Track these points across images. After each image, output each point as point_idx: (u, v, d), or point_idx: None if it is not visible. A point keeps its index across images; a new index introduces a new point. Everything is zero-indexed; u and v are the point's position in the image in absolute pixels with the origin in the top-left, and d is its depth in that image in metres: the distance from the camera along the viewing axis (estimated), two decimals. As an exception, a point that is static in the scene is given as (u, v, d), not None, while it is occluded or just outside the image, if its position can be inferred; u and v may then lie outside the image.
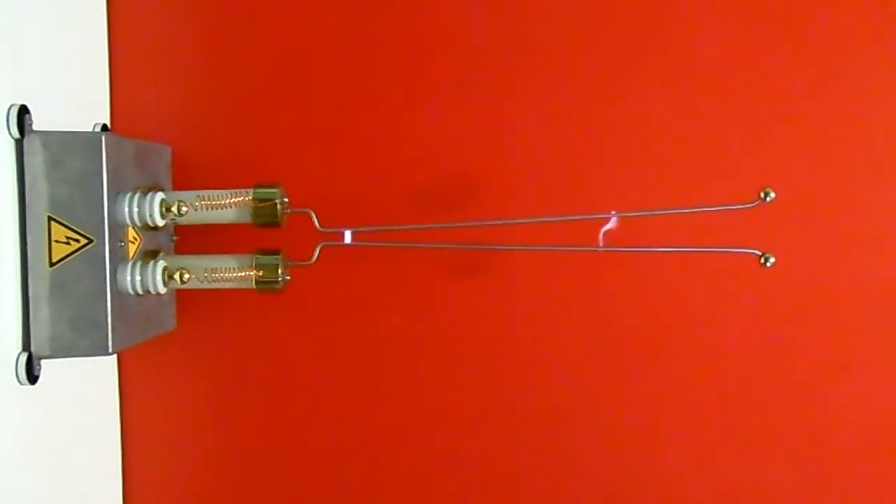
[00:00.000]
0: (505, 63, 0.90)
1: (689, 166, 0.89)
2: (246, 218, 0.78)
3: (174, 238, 0.86)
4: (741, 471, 0.91)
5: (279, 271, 0.77)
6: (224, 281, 0.78)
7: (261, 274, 0.77)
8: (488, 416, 0.92)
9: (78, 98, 0.86)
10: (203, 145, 0.92)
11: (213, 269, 0.79)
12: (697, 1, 0.89)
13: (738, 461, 0.91)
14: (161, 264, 0.76)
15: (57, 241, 0.70)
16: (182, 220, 0.77)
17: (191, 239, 0.87)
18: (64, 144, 0.70)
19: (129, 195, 0.73)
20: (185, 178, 0.88)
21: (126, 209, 0.72)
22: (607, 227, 0.75)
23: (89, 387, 0.87)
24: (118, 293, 0.72)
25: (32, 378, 0.70)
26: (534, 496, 0.92)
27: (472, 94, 0.90)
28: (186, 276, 0.77)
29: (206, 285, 0.79)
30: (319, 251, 0.78)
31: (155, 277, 0.75)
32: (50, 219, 0.69)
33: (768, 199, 0.74)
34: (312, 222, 0.78)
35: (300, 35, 0.92)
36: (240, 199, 0.77)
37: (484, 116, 0.90)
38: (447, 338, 0.92)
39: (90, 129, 0.86)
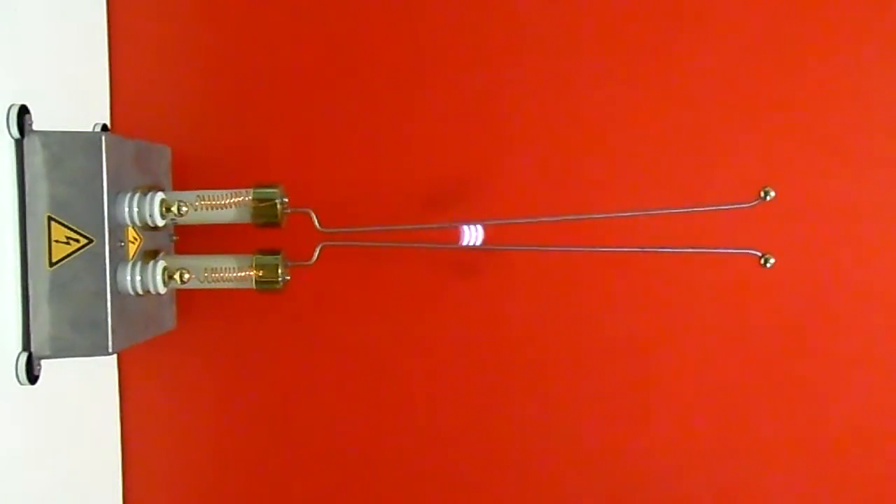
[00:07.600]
0: (504, 63, 0.90)
1: (689, 166, 0.89)
2: (246, 218, 0.78)
3: (174, 238, 0.86)
4: (741, 471, 0.91)
5: (279, 271, 0.77)
6: (224, 281, 0.78)
7: (261, 274, 0.77)
8: (487, 416, 0.92)
9: (78, 98, 0.86)
10: (203, 145, 0.92)
11: (213, 269, 0.78)
12: (697, 1, 0.89)
13: (738, 461, 0.91)
14: (161, 264, 0.76)
15: (57, 241, 0.70)
16: (182, 220, 0.77)
17: (191, 239, 0.87)
18: (64, 144, 0.70)
19: (129, 195, 0.73)
20: (185, 178, 0.88)
21: (126, 209, 0.72)
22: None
23: (89, 387, 0.87)
24: (118, 293, 0.72)
25: (32, 378, 0.70)
26: (533, 496, 0.92)
27: (472, 94, 0.90)
28: (186, 276, 0.77)
29: (206, 285, 0.79)
30: (319, 251, 0.78)
31: (155, 277, 0.75)
32: (50, 219, 0.69)
33: (768, 198, 0.74)
34: (312, 222, 0.78)
35: (300, 35, 0.92)
36: (240, 199, 0.77)
37: (484, 116, 0.90)
38: (447, 337, 0.92)
39: (90, 129, 0.86)
